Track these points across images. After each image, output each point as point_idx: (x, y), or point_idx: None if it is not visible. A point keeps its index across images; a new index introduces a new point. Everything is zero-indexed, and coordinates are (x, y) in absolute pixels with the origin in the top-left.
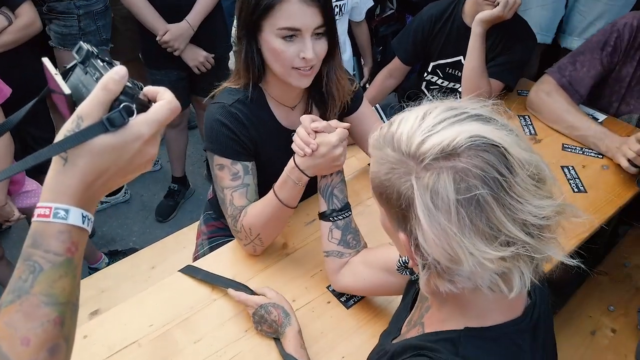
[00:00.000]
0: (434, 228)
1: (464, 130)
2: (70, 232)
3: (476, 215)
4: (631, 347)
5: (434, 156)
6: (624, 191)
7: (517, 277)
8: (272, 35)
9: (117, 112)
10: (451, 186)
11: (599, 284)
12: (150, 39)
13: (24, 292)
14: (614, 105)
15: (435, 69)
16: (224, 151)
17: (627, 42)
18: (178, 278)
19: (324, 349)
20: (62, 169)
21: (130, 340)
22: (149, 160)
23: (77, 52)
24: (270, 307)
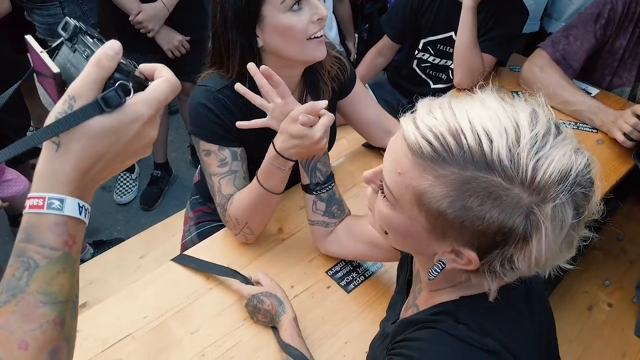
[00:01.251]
0: (548, 249)
1: (572, 153)
2: (67, 224)
3: (576, 232)
4: (627, 321)
5: (556, 185)
6: (619, 165)
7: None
8: (277, 14)
9: (113, 90)
10: (571, 211)
11: (594, 259)
12: (123, 21)
13: (19, 291)
14: (606, 79)
15: (426, 46)
16: (210, 136)
17: (621, 13)
18: (171, 267)
19: (326, 334)
20: (55, 155)
21: (125, 333)
22: (149, 143)
23: (63, 28)
24: (263, 297)
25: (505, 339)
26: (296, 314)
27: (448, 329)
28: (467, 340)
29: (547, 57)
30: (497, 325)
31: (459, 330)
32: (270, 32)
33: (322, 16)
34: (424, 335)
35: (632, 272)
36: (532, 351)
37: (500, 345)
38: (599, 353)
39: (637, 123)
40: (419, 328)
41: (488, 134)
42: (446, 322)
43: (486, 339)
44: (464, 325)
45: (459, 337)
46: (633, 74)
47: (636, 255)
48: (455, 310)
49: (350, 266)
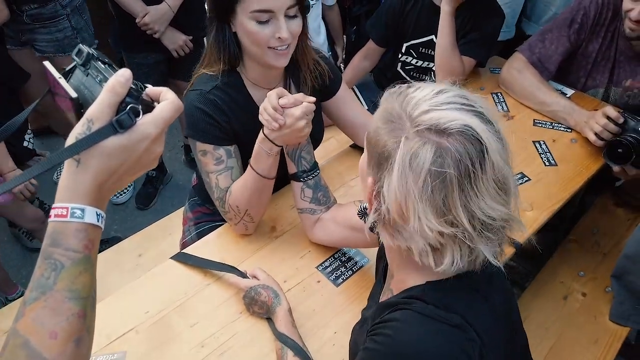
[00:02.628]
0: (400, 183)
1: (463, 119)
2: (87, 230)
3: (437, 189)
4: (600, 309)
5: (428, 127)
6: (591, 163)
7: (448, 257)
8: (245, 19)
9: (126, 114)
10: (430, 156)
11: (570, 251)
12: (128, 22)
13: (48, 288)
14: (581, 81)
15: (408, 50)
16: (205, 137)
17: (593, 19)
18: (170, 265)
19: (317, 325)
20: (76, 171)
21: (128, 327)
22: (156, 157)
23: (77, 54)
24: (260, 289)
25: (466, 314)
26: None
27: (419, 309)
28: (435, 317)
29: (525, 60)
30: (459, 304)
31: (429, 309)
32: (239, 28)
33: (282, 37)
34: (398, 316)
35: (605, 263)
36: (491, 324)
37: (463, 320)
38: (573, 340)
39: (607, 124)
40: (394, 310)
41: (422, 88)
42: (417, 304)
43: (451, 315)
44: (432, 305)
45: (428, 315)
46: (605, 75)
47: (609, 247)
48: (424, 293)
49: (339, 261)
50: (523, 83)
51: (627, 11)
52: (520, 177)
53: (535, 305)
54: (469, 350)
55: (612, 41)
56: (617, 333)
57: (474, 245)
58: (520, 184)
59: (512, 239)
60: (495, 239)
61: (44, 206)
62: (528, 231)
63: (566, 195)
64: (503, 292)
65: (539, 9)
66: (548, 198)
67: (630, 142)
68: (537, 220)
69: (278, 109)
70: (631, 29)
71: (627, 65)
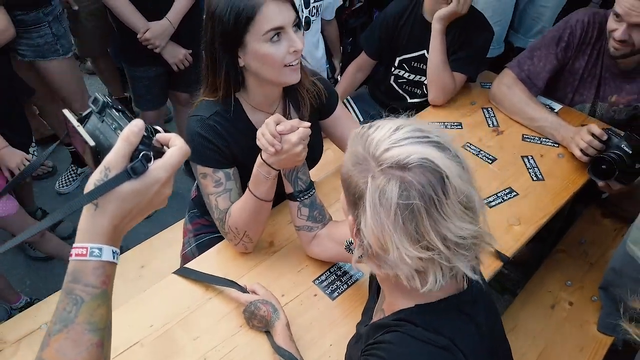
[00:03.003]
0: (374, 219)
1: (420, 152)
2: (104, 267)
3: (408, 220)
4: (586, 317)
5: (390, 164)
6: (577, 178)
7: (431, 277)
8: (258, 43)
9: (139, 161)
10: (396, 191)
11: (558, 261)
12: (129, 36)
13: (69, 321)
14: (568, 96)
15: (401, 63)
16: (205, 161)
17: (579, 38)
18: (173, 280)
19: (314, 338)
20: (94, 214)
21: (133, 341)
22: (165, 198)
23: (93, 102)
24: (259, 304)
25: (453, 336)
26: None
27: (409, 331)
28: (424, 340)
29: (514, 76)
30: (446, 326)
31: (418, 332)
32: (250, 56)
33: (297, 49)
34: (390, 338)
35: (592, 273)
36: (476, 344)
37: (450, 341)
38: (560, 348)
39: (591, 141)
40: (386, 332)
41: (381, 127)
42: (407, 326)
43: (439, 337)
44: (421, 327)
45: (418, 337)
46: (592, 91)
47: (596, 257)
48: (413, 316)
49: (334, 275)
50: (512, 99)
51: (611, 31)
52: (509, 191)
53: (524, 314)
54: None
55: (598, 58)
56: (603, 341)
57: (451, 264)
58: (508, 198)
59: (500, 253)
60: (470, 254)
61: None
62: (516, 244)
63: (553, 209)
64: (486, 310)
65: (527, 23)
66: (535, 212)
67: (613, 159)
68: (525, 234)
69: (276, 136)
70: (615, 48)
71: (612, 82)
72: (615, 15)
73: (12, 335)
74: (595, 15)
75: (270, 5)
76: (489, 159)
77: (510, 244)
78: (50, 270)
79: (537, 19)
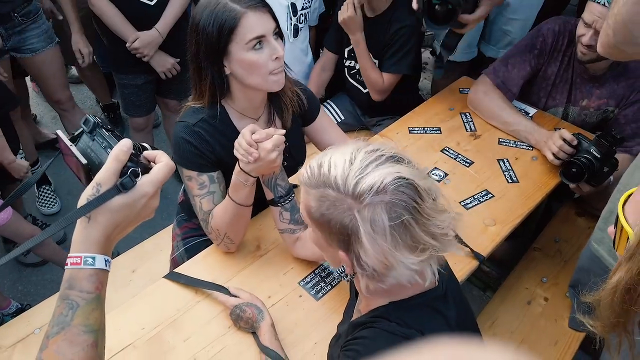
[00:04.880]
0: (374, 247)
1: (387, 173)
2: (97, 274)
3: (403, 234)
4: (560, 313)
5: (368, 195)
6: (550, 180)
7: (429, 271)
8: (242, 52)
9: (128, 177)
10: (385, 216)
11: (534, 258)
12: (116, 44)
13: (66, 324)
14: (542, 101)
15: (350, 54)
16: (190, 165)
17: (551, 45)
18: (163, 284)
19: (299, 337)
20: (87, 226)
21: (126, 343)
22: (152, 210)
23: (84, 123)
24: (244, 307)
25: (424, 329)
26: (273, 320)
27: (383, 326)
28: (397, 334)
29: (490, 82)
30: (418, 320)
31: (392, 327)
32: (236, 64)
33: (279, 55)
34: (366, 334)
35: (566, 270)
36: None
37: (421, 334)
38: (535, 342)
39: (562, 145)
40: (362, 328)
41: (334, 164)
42: (381, 322)
43: (410, 330)
44: (394, 322)
45: (391, 331)
46: (564, 96)
47: (570, 254)
48: (388, 313)
49: (319, 277)
50: (489, 104)
51: (580, 36)
52: (485, 193)
53: (502, 310)
54: None
55: (569, 64)
56: (575, 335)
57: (443, 252)
58: (484, 200)
59: (475, 252)
60: (453, 235)
61: (36, 222)
62: (491, 244)
63: (526, 210)
64: (456, 305)
65: (497, 35)
66: (510, 213)
67: (583, 163)
68: (500, 234)
69: (252, 144)
70: (583, 53)
71: (583, 87)
72: (584, 23)
73: (6, 341)
74: (565, 24)
75: (251, 16)
76: (466, 163)
77: (486, 243)
78: (41, 276)
79: (507, 30)
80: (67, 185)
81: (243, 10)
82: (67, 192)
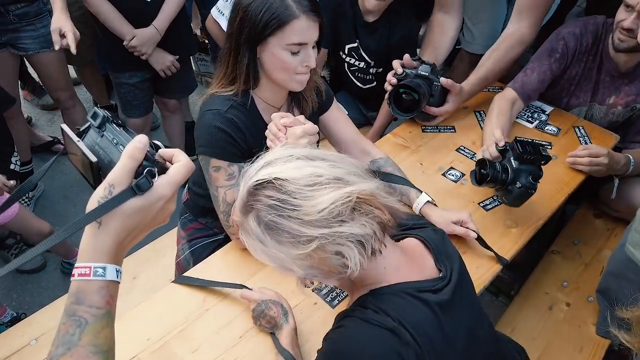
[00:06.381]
0: (268, 258)
1: (246, 184)
2: (108, 287)
3: (275, 234)
4: (584, 318)
5: (241, 211)
6: (571, 180)
7: (348, 259)
8: (279, 49)
9: (144, 178)
10: (254, 224)
11: (553, 262)
12: (113, 42)
13: (73, 344)
14: (564, 100)
15: (350, 51)
16: (222, 154)
17: (574, 48)
18: (169, 291)
19: (316, 346)
20: (97, 232)
21: (130, 355)
22: (169, 215)
23: (92, 116)
24: (270, 304)
25: (403, 319)
26: None
27: (359, 314)
28: (370, 321)
29: (509, 88)
30: (395, 308)
31: (366, 314)
32: (267, 55)
33: (310, 66)
34: (343, 322)
35: (587, 273)
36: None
37: (398, 323)
38: (559, 349)
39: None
40: (341, 318)
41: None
42: (358, 310)
43: (386, 319)
44: (370, 309)
45: (364, 319)
46: (588, 94)
47: (590, 257)
48: (366, 301)
49: None
50: (492, 106)
51: (620, 21)
52: None
53: (522, 316)
54: (403, 352)
55: (594, 62)
56: (601, 342)
57: (342, 240)
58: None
59: (499, 256)
60: (352, 217)
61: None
62: (514, 247)
63: (549, 212)
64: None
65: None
66: (531, 215)
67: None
68: (522, 237)
69: (280, 128)
70: (620, 40)
71: (611, 84)
72: (625, 6)
73: (0, 352)
74: (586, 25)
75: (303, 21)
76: None
77: (509, 246)
78: (37, 284)
79: None
80: (63, 189)
81: (298, 13)
82: (64, 197)
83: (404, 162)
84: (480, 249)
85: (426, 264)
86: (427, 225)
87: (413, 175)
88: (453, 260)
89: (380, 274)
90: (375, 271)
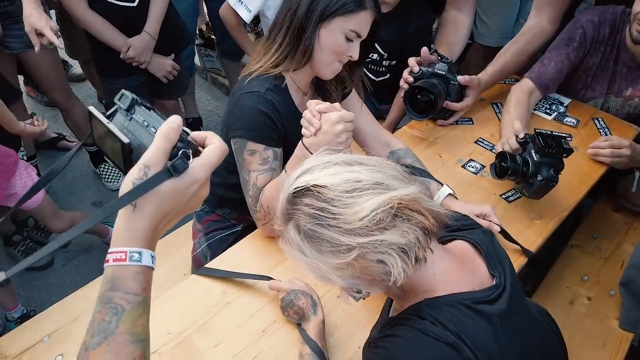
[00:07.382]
0: (308, 268)
1: (285, 193)
2: (144, 273)
3: (315, 243)
4: (606, 313)
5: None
6: (593, 172)
7: (390, 267)
8: (339, 32)
9: (179, 159)
10: (293, 232)
11: (573, 256)
12: (105, 50)
13: (110, 333)
14: (580, 92)
15: None
16: (260, 137)
17: (592, 37)
18: (189, 284)
19: (341, 340)
20: (132, 215)
21: (151, 349)
22: (201, 200)
23: (119, 99)
24: (300, 294)
25: (461, 331)
26: None
27: (414, 324)
28: (430, 335)
29: (527, 79)
30: (452, 320)
31: (424, 325)
32: (327, 33)
33: (353, 58)
34: (397, 332)
35: (607, 267)
36: (489, 340)
37: (457, 337)
38: (582, 344)
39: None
40: (393, 325)
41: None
42: (414, 319)
43: (446, 333)
44: (428, 321)
45: (424, 331)
46: (604, 86)
47: (610, 251)
48: (421, 310)
49: None
50: (509, 97)
51: (637, 13)
52: None
53: None
54: None
55: (611, 53)
56: (624, 336)
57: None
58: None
59: (524, 248)
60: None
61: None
62: (539, 239)
63: (572, 204)
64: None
65: None
66: (554, 206)
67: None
68: (547, 228)
69: (315, 114)
70: (639, 32)
71: (628, 75)
72: None
73: (12, 349)
74: (604, 14)
75: (369, 15)
76: None
77: (533, 238)
78: (45, 281)
79: None
80: (70, 186)
81: (369, 6)
82: (70, 193)
83: (422, 154)
84: (503, 242)
85: (477, 269)
86: (476, 226)
87: (432, 167)
88: (505, 264)
89: (432, 281)
90: (426, 278)
